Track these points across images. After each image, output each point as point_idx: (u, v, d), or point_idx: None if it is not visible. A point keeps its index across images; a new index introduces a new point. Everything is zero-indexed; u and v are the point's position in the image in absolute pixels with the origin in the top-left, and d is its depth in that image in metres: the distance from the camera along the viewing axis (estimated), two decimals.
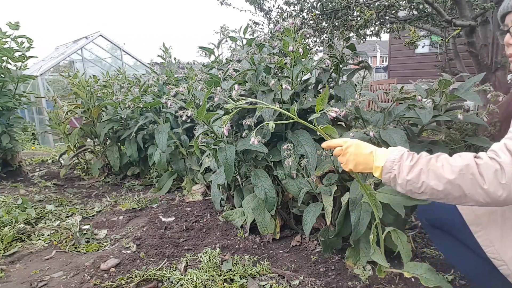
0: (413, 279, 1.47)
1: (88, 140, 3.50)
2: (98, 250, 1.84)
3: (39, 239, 1.94)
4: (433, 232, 1.08)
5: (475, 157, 0.82)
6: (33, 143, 6.91)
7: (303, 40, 1.63)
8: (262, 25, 3.43)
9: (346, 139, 1.02)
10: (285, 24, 1.62)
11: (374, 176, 0.98)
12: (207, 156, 2.39)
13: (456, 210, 0.97)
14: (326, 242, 1.64)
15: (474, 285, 1.22)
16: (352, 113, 1.54)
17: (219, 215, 2.22)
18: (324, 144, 1.06)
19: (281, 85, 1.60)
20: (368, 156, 0.96)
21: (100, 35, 8.57)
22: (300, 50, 1.56)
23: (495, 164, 0.78)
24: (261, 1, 3.24)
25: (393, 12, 2.63)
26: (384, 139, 1.38)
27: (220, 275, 1.48)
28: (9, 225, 2.04)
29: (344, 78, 2.01)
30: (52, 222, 2.19)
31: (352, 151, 0.98)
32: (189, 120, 1.78)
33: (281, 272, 1.54)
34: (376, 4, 2.57)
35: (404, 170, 0.87)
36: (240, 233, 1.94)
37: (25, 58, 3.27)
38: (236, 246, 1.81)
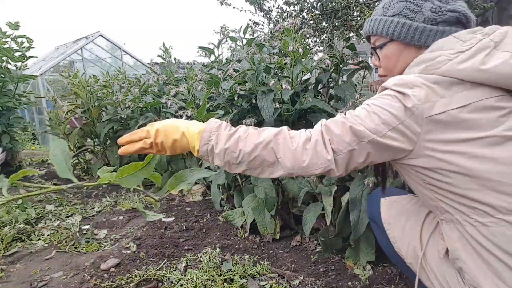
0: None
1: (88, 140, 3.50)
2: (98, 250, 1.84)
3: (39, 239, 1.94)
4: (372, 224, 1.23)
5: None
6: (33, 143, 6.91)
7: (303, 40, 1.63)
8: (262, 25, 3.43)
9: (151, 125, 0.91)
10: (285, 24, 1.62)
11: (373, 176, 1.00)
12: None
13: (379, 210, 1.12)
14: (326, 242, 1.64)
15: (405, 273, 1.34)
16: None
17: (219, 215, 2.22)
18: (122, 141, 0.92)
19: (281, 85, 1.60)
20: (180, 140, 0.88)
21: (100, 35, 8.58)
22: (300, 50, 1.56)
23: (307, 133, 0.84)
24: (261, 1, 3.24)
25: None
26: None
27: (220, 275, 1.48)
28: (9, 225, 2.05)
29: (344, 78, 2.01)
30: (52, 222, 2.19)
31: (162, 138, 0.89)
32: None
33: (281, 272, 1.54)
34: (376, 4, 2.57)
35: (222, 139, 0.84)
36: (240, 233, 1.94)
37: (25, 58, 3.27)
38: (236, 246, 1.81)
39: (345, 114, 0.85)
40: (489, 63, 0.76)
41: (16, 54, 3.19)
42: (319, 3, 2.68)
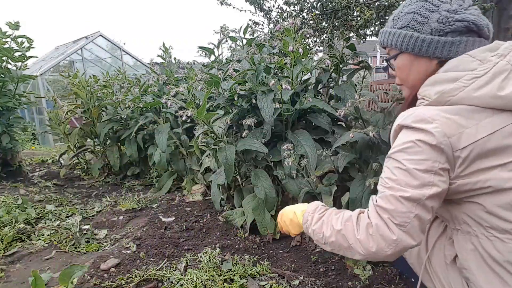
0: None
1: (88, 140, 3.50)
2: (98, 250, 1.84)
3: (39, 239, 1.94)
4: None
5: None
6: (33, 143, 6.92)
7: (303, 40, 1.63)
8: (262, 25, 3.43)
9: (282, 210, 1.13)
10: (285, 24, 1.62)
11: (374, 176, 1.00)
12: (207, 156, 2.39)
13: None
14: None
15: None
16: (351, 114, 1.54)
17: (219, 215, 2.22)
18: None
19: (281, 85, 1.60)
20: (293, 219, 1.06)
21: (100, 35, 8.58)
22: (300, 50, 1.56)
23: (366, 217, 0.85)
24: (261, 1, 3.24)
25: (393, 12, 2.63)
26: (384, 139, 1.38)
27: (220, 275, 1.48)
28: (9, 225, 2.04)
29: (344, 78, 2.01)
30: (52, 222, 2.19)
31: (284, 220, 1.10)
32: (189, 120, 1.78)
33: (281, 272, 1.54)
34: (376, 4, 2.57)
35: (313, 221, 0.96)
36: (240, 233, 1.94)
37: (25, 58, 3.27)
38: (236, 246, 1.81)
39: (380, 181, 0.86)
40: (507, 88, 0.75)
41: (16, 54, 3.19)
42: (319, 3, 2.68)
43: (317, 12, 2.77)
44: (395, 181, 0.80)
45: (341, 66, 1.91)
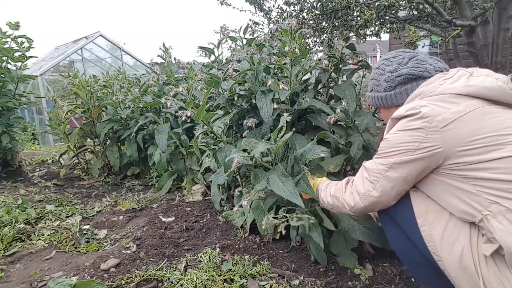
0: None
1: (88, 140, 3.50)
2: (98, 250, 1.84)
3: (39, 239, 1.94)
4: (385, 220, 1.14)
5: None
6: (33, 143, 6.92)
7: (302, 40, 1.63)
8: (262, 25, 3.43)
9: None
10: (284, 24, 1.62)
11: None
12: (207, 156, 2.39)
13: (410, 202, 1.03)
14: (324, 241, 1.64)
15: (411, 273, 1.42)
16: (341, 118, 1.57)
17: (219, 215, 2.22)
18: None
19: (279, 86, 1.60)
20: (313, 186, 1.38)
21: (100, 35, 8.58)
22: (297, 50, 1.56)
23: (351, 178, 1.18)
24: (261, 1, 3.24)
25: (393, 12, 2.63)
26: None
27: (220, 275, 1.48)
28: (9, 225, 2.05)
29: (344, 78, 2.01)
30: (52, 222, 2.19)
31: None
32: (189, 120, 1.78)
33: (281, 272, 1.54)
34: (376, 4, 2.57)
35: (321, 191, 1.30)
36: (240, 233, 1.94)
37: (25, 58, 3.27)
38: (236, 246, 1.81)
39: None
40: (472, 81, 0.96)
41: (16, 54, 3.19)
42: (319, 3, 2.67)
43: (317, 12, 2.77)
44: (383, 151, 1.01)
45: (340, 66, 1.91)
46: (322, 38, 2.89)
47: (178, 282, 1.45)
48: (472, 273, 0.88)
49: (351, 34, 2.47)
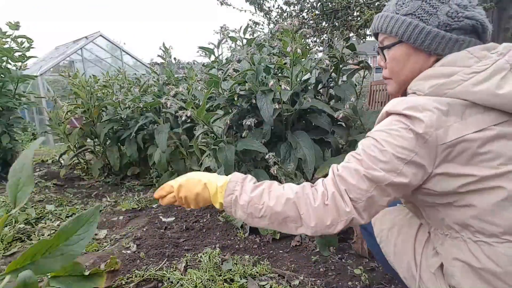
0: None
1: (88, 140, 3.50)
2: (98, 250, 1.84)
3: (39, 239, 1.94)
4: (362, 231, 1.19)
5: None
6: None
7: (302, 40, 1.63)
8: (262, 25, 3.43)
9: (176, 180, 0.94)
10: (285, 24, 1.62)
11: None
12: (207, 156, 2.39)
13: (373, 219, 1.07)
14: (323, 240, 1.64)
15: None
16: (350, 115, 1.55)
17: (219, 215, 2.22)
18: (156, 195, 0.97)
19: (280, 86, 1.60)
20: (203, 191, 0.89)
21: (100, 35, 8.59)
22: (299, 50, 1.56)
23: (323, 185, 0.81)
24: (261, 1, 3.24)
25: None
26: None
27: (220, 275, 1.48)
28: (9, 225, 2.04)
29: (344, 78, 2.01)
30: (52, 222, 2.19)
31: (185, 192, 0.91)
32: (189, 120, 1.78)
33: (281, 272, 1.54)
34: (376, 4, 2.57)
35: (247, 190, 0.84)
36: (240, 233, 1.94)
37: (25, 58, 3.27)
38: (236, 246, 1.81)
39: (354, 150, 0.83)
40: (505, 87, 0.72)
41: (16, 54, 3.19)
42: (319, 3, 2.68)
43: (317, 12, 2.77)
44: (368, 157, 0.77)
45: (341, 66, 1.91)
46: (322, 38, 2.89)
47: (178, 282, 1.45)
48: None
49: (351, 34, 2.48)
